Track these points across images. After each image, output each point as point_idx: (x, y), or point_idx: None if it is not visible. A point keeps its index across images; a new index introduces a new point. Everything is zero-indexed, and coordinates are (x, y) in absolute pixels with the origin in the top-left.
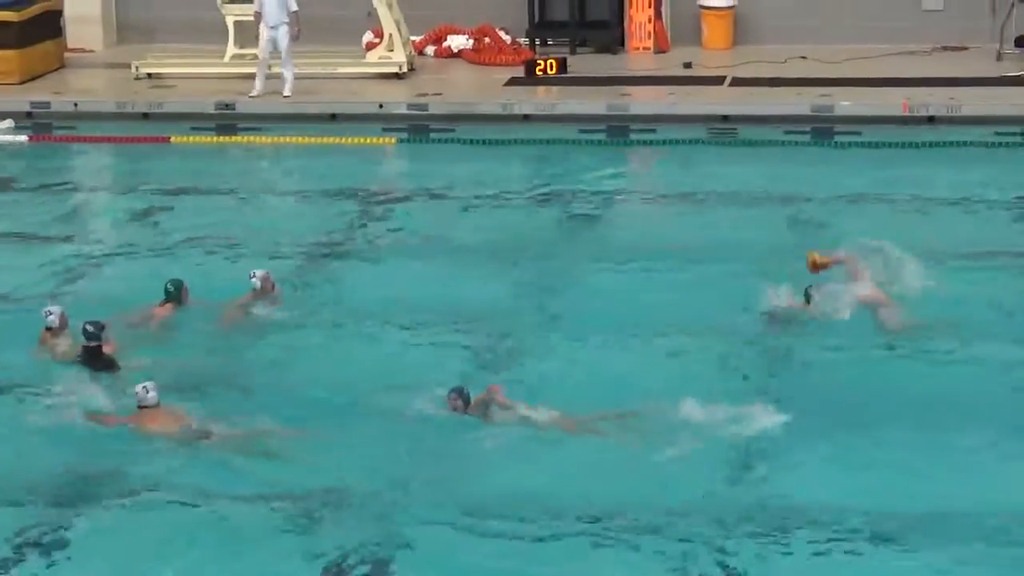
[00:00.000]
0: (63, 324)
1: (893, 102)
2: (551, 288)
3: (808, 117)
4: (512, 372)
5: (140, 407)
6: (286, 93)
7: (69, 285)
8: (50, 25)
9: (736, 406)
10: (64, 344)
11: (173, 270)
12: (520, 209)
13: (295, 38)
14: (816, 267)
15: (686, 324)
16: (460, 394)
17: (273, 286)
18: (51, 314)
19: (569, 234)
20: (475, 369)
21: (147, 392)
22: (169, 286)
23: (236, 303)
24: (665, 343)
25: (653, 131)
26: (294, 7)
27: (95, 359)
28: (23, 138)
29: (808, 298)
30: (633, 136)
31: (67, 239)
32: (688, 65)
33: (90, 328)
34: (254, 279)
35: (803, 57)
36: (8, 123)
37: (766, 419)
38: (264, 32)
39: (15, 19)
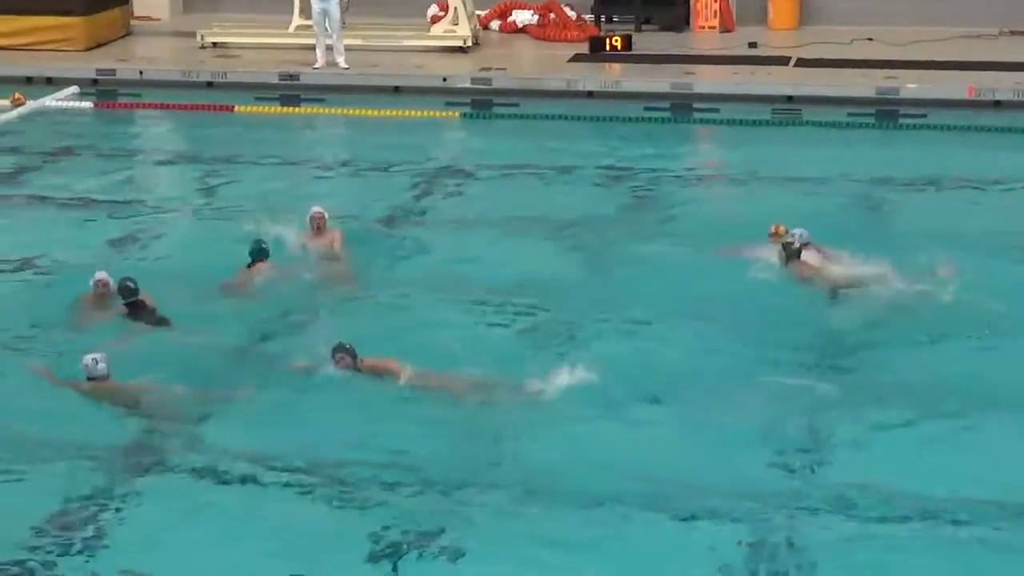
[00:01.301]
0: (109, 290)
1: (959, 86)
2: (609, 265)
3: (873, 99)
4: (566, 349)
5: (89, 379)
6: (342, 65)
7: (130, 251)
8: None
9: (795, 382)
10: (108, 307)
11: (232, 238)
12: (582, 186)
13: (345, 9)
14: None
15: (743, 304)
16: (346, 351)
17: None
18: (99, 278)
19: (630, 212)
20: (528, 346)
21: (96, 364)
22: (254, 246)
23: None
24: (720, 325)
25: (717, 110)
26: None
27: (143, 313)
28: (88, 104)
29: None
30: (697, 115)
31: (129, 205)
32: (753, 45)
33: (129, 284)
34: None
35: (869, 39)
36: (73, 90)
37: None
38: (315, 4)
39: None
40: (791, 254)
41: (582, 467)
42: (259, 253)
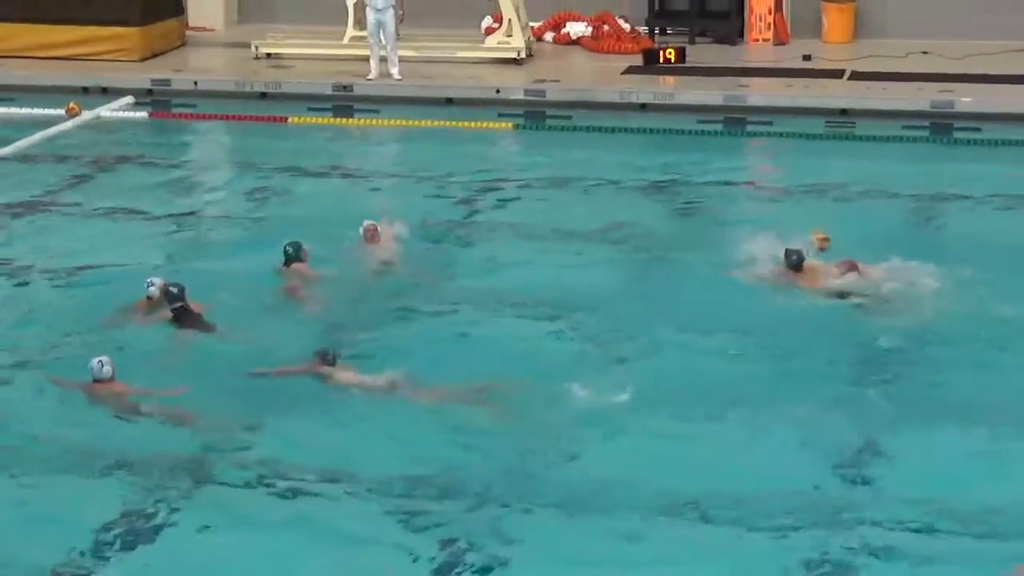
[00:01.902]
0: (162, 296)
1: (1015, 100)
2: (662, 279)
3: (928, 113)
4: (614, 361)
5: (95, 380)
6: (396, 76)
7: (182, 260)
8: (172, 3)
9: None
10: (157, 313)
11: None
12: (634, 198)
13: (400, 20)
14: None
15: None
16: (320, 356)
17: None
18: (152, 285)
19: (683, 225)
20: (577, 359)
21: (102, 367)
22: (288, 248)
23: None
24: (773, 339)
25: (770, 123)
26: None
27: (189, 319)
28: (143, 115)
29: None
30: (750, 128)
31: (184, 215)
32: (807, 58)
33: (174, 290)
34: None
35: (924, 52)
36: (128, 100)
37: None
38: (371, 15)
39: None
40: (791, 265)
41: (624, 481)
42: (295, 255)
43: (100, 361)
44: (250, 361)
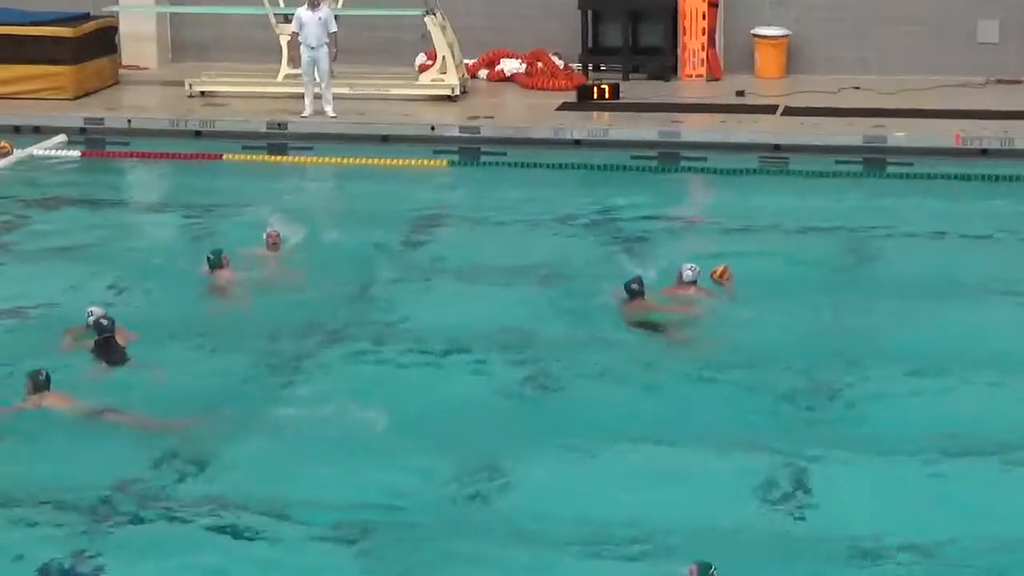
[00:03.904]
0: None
1: (946, 134)
2: (595, 315)
3: (861, 148)
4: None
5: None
6: (330, 113)
7: (114, 296)
8: (105, 42)
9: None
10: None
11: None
12: (568, 234)
13: (333, 58)
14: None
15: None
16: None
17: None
18: (92, 314)
19: (616, 260)
20: (497, 394)
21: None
22: (211, 255)
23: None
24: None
25: (704, 159)
26: (333, 28)
27: (109, 351)
28: (76, 153)
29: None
30: (684, 163)
31: (117, 253)
32: (741, 93)
33: (104, 321)
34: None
35: (856, 87)
36: (61, 139)
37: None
38: (304, 53)
39: (71, 35)
40: (631, 293)
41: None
42: (218, 261)
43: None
44: (149, 393)
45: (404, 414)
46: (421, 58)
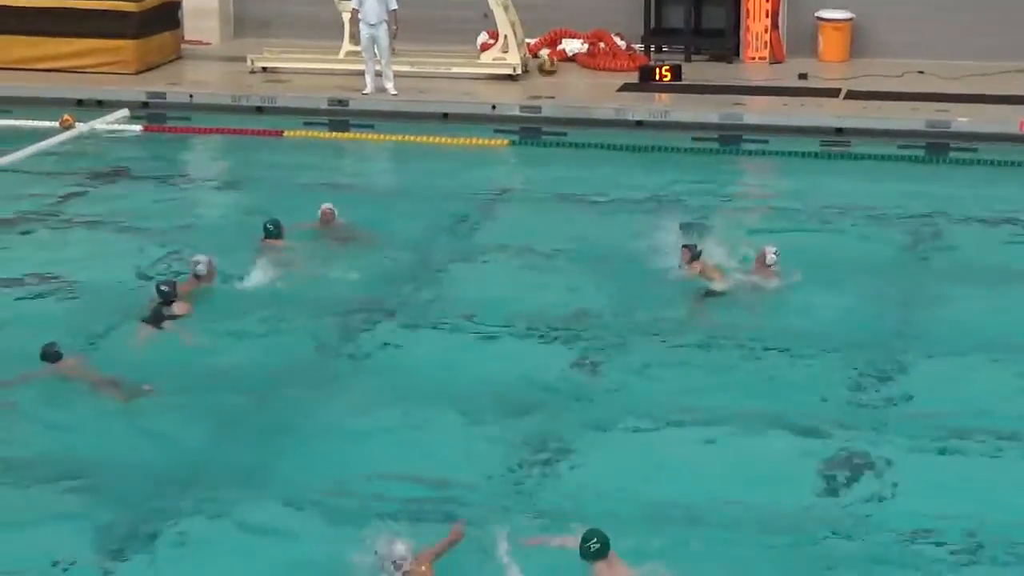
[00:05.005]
0: (211, 273)
1: (1011, 120)
2: (649, 295)
3: (924, 132)
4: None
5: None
6: (390, 91)
7: (175, 272)
8: (168, 17)
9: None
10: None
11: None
12: (627, 215)
13: (394, 36)
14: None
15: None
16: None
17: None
18: (199, 263)
19: (674, 241)
20: (553, 372)
21: (197, 264)
22: (269, 225)
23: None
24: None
25: (766, 141)
26: (394, 5)
27: (159, 319)
28: (137, 128)
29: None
30: (746, 146)
31: (175, 229)
32: (803, 76)
33: (164, 288)
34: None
35: (920, 72)
36: (123, 113)
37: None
38: (364, 30)
39: (134, 9)
40: (694, 255)
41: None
42: (277, 231)
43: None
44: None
45: (461, 392)
46: (483, 37)
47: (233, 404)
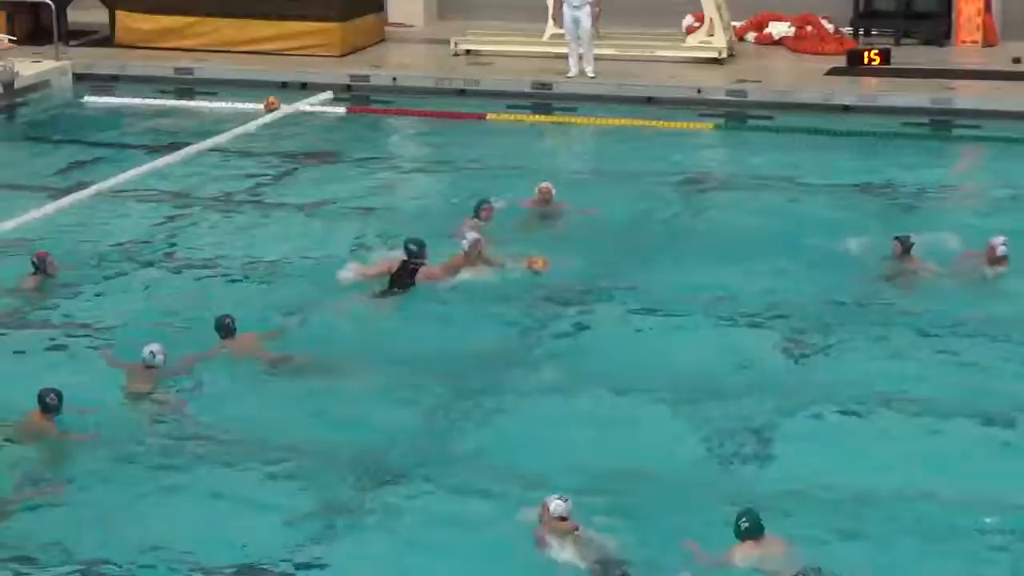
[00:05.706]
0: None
1: None
2: (861, 285)
3: None
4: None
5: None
6: (589, 73)
7: (375, 256)
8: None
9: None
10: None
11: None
12: (835, 202)
13: (596, 19)
14: None
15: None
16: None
17: None
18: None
19: (886, 229)
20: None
21: (154, 356)
22: (412, 246)
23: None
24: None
25: (978, 127)
26: None
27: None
28: (341, 110)
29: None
30: (957, 131)
31: (379, 211)
32: (1017, 60)
33: (413, 247)
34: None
35: None
36: (327, 95)
37: None
38: (567, 12)
39: None
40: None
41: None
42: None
43: (151, 351)
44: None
45: (665, 379)
46: (688, 20)
47: (430, 387)
